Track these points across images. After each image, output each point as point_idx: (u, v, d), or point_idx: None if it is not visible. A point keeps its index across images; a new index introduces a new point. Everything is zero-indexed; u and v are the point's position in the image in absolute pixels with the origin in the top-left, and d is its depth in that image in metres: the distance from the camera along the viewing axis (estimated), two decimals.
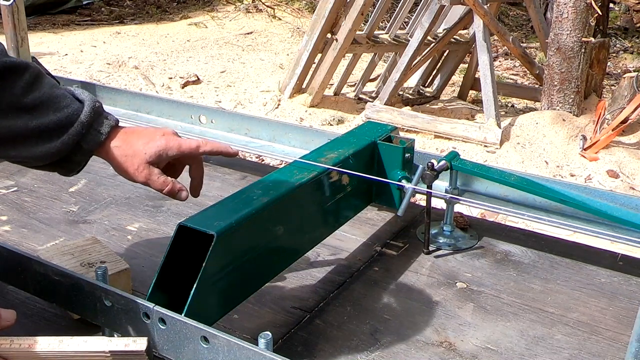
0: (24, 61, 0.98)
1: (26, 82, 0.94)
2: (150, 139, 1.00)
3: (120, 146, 0.99)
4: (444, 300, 1.15)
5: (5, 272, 1.02)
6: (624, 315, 1.12)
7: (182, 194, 1.01)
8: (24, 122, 0.93)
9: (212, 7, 8.47)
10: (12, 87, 0.93)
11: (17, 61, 0.96)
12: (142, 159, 0.98)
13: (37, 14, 7.75)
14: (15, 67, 0.94)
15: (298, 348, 1.02)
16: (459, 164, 1.31)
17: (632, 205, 1.21)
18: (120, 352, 0.86)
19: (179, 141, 1.01)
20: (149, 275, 0.99)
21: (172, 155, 1.01)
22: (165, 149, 1.00)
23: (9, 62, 0.93)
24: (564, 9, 4.29)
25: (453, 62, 5.49)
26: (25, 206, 1.49)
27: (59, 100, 0.97)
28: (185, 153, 1.02)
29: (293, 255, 1.16)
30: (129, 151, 0.99)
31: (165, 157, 1.00)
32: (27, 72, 0.95)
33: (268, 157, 2.94)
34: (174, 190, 1.01)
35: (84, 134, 0.97)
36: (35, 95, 0.94)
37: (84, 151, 0.98)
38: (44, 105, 0.95)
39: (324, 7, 4.81)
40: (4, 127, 0.92)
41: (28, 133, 0.93)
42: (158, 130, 1.03)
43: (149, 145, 0.99)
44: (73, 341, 0.87)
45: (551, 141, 4.14)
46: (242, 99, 5.23)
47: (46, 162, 0.97)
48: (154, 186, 1.00)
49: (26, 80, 0.94)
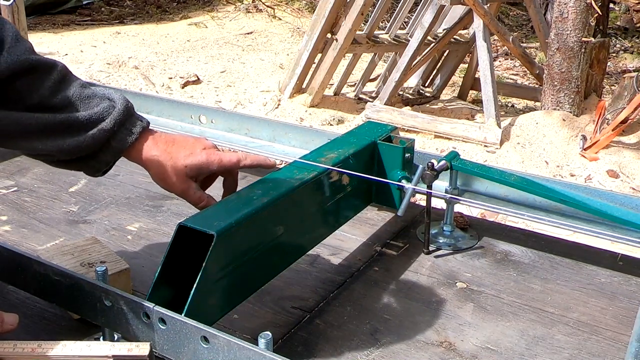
0: (52, 60, 0.97)
1: (54, 81, 0.93)
2: (192, 152, 0.99)
3: (159, 155, 0.98)
4: (444, 300, 1.15)
5: (5, 272, 1.02)
6: (624, 315, 1.12)
7: None
8: (52, 116, 0.92)
9: (212, 7, 8.47)
10: (39, 87, 0.92)
11: (44, 60, 0.95)
12: (182, 172, 0.99)
13: (37, 14, 7.75)
14: (42, 65, 0.93)
15: (298, 348, 1.02)
16: (459, 164, 1.31)
17: (632, 205, 1.21)
18: (123, 356, 0.86)
19: (220, 156, 1.02)
20: (149, 275, 0.99)
21: (213, 170, 1.02)
22: (207, 164, 1.00)
23: (34, 60, 0.92)
24: (564, 9, 4.29)
25: (453, 62, 5.50)
26: (25, 206, 1.49)
27: (89, 99, 0.96)
28: (227, 169, 1.03)
29: (293, 255, 1.16)
30: (170, 162, 0.98)
31: (205, 171, 1.01)
32: (54, 70, 0.94)
33: (268, 157, 2.94)
34: (209, 206, 1.02)
35: (116, 132, 0.96)
36: (64, 94, 0.94)
37: (113, 150, 0.97)
38: (74, 105, 0.94)
39: (324, 7, 4.81)
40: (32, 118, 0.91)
41: (56, 126, 0.92)
42: (198, 142, 1.02)
43: (190, 158, 0.99)
44: (76, 345, 0.87)
45: (551, 141, 4.15)
46: (242, 99, 5.23)
47: (73, 156, 0.96)
48: (189, 200, 1.01)
49: (54, 79, 0.93)
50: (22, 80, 0.92)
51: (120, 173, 1.65)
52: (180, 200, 1.51)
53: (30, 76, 0.92)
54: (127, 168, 1.67)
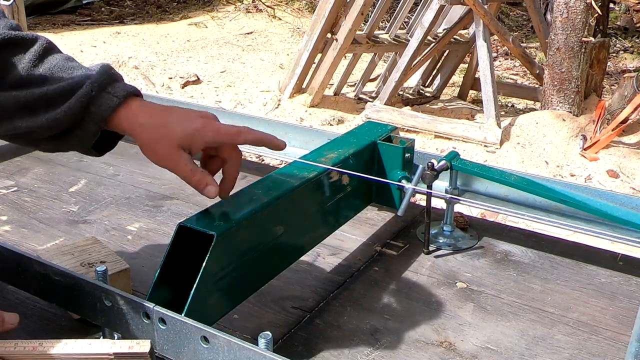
0: (35, 34, 0.92)
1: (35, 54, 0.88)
2: (186, 119, 0.88)
3: (150, 123, 0.88)
4: (444, 300, 1.15)
5: (5, 272, 1.02)
6: (624, 315, 1.12)
7: (210, 189, 0.90)
8: (31, 92, 0.87)
9: (212, 7, 8.47)
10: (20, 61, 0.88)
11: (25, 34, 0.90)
12: (173, 140, 0.87)
13: (37, 14, 7.75)
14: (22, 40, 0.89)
15: (298, 348, 1.02)
16: (459, 164, 1.31)
17: (632, 205, 1.21)
18: (124, 354, 0.86)
19: (217, 125, 0.90)
20: (149, 275, 0.99)
21: (208, 140, 0.89)
22: (202, 132, 0.88)
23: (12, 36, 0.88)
24: (564, 9, 4.29)
25: (453, 62, 5.50)
26: (25, 206, 1.49)
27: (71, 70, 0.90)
28: (224, 140, 0.90)
29: (293, 255, 1.16)
30: (161, 129, 0.87)
31: (199, 141, 0.88)
32: (36, 43, 0.90)
33: (268, 157, 2.94)
34: (203, 183, 0.89)
35: (94, 96, 0.87)
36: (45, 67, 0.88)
37: (95, 117, 0.88)
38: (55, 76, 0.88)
39: (324, 7, 4.81)
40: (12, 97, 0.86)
41: (35, 101, 0.86)
42: (196, 111, 0.91)
43: (183, 124, 0.87)
44: (77, 344, 0.87)
45: (551, 141, 4.15)
46: (242, 99, 5.23)
47: (56, 130, 0.89)
48: (180, 173, 0.88)
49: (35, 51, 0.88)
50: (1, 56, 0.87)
51: (120, 173, 1.65)
52: (181, 201, 1.52)
53: (10, 50, 0.87)
54: (127, 168, 1.68)
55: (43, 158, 1.73)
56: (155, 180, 1.62)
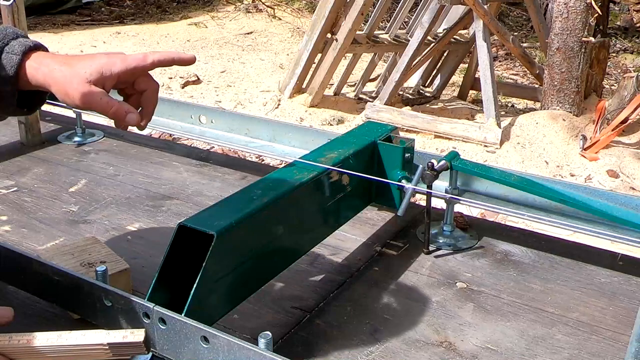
0: None
1: None
2: (92, 58, 0.91)
3: (57, 68, 0.90)
4: (444, 300, 1.15)
5: (5, 272, 1.02)
6: (624, 315, 1.12)
7: (131, 116, 0.91)
8: None
9: (212, 7, 8.47)
10: None
11: None
12: (82, 78, 0.88)
13: (37, 14, 7.75)
14: None
15: (298, 348, 1.02)
16: (459, 163, 1.31)
17: (632, 205, 1.21)
18: (118, 344, 0.86)
19: (123, 56, 0.92)
20: (149, 275, 0.99)
21: (117, 71, 0.90)
22: (108, 65, 0.90)
23: None
24: (564, 9, 4.29)
25: (453, 62, 5.50)
26: (25, 206, 1.49)
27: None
28: (132, 67, 0.91)
29: (293, 255, 1.16)
30: (68, 72, 0.89)
31: (109, 74, 0.90)
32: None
33: (268, 157, 2.94)
34: (121, 112, 0.90)
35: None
36: None
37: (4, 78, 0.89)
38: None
39: (324, 7, 4.81)
40: None
41: None
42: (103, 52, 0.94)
43: (90, 63, 0.90)
44: (71, 335, 0.87)
45: (551, 141, 4.14)
46: (242, 99, 5.23)
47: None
48: (97, 108, 0.89)
49: None
50: None
51: (120, 173, 1.65)
52: (180, 200, 1.52)
53: None
54: (127, 168, 1.68)
55: (43, 158, 1.73)
56: (155, 180, 1.62)
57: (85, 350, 0.87)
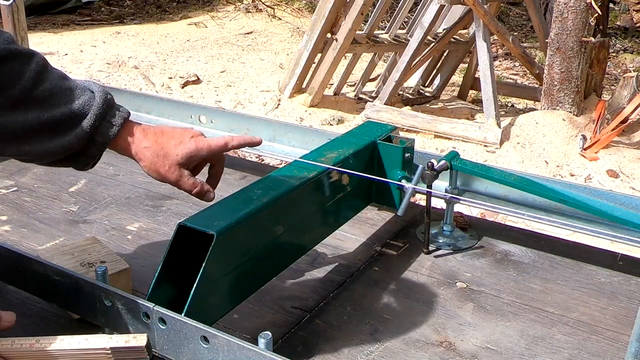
0: (30, 50, 0.97)
1: (34, 72, 0.93)
2: (181, 141, 1.02)
3: (150, 147, 1.00)
4: (444, 300, 1.15)
5: (5, 272, 1.02)
6: (624, 315, 1.12)
7: (209, 195, 1.05)
8: (36, 115, 0.92)
9: (212, 7, 8.47)
10: (20, 77, 0.91)
11: (22, 49, 0.95)
12: (174, 161, 1.01)
13: (37, 13, 7.74)
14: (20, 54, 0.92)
15: (298, 348, 1.02)
16: (459, 163, 1.31)
17: (632, 205, 1.21)
18: (120, 348, 0.86)
19: (208, 142, 1.04)
20: (149, 275, 0.99)
21: (203, 156, 1.03)
22: (197, 151, 1.02)
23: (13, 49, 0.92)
24: (563, 9, 4.29)
25: (453, 62, 5.49)
26: (25, 206, 1.48)
27: (70, 91, 0.96)
28: (215, 152, 1.05)
29: (293, 255, 1.16)
30: (161, 152, 1.00)
31: (196, 159, 1.03)
32: (33, 60, 0.94)
33: (268, 157, 2.94)
34: (203, 191, 1.03)
35: (97, 126, 0.97)
36: (45, 86, 0.93)
37: (98, 144, 0.98)
38: (55, 97, 0.94)
39: (324, 7, 4.81)
40: (17, 121, 0.91)
41: (41, 127, 0.92)
42: (186, 131, 1.05)
43: (180, 147, 1.01)
44: (74, 339, 0.88)
45: (551, 141, 4.14)
46: (242, 99, 5.22)
47: (60, 156, 0.97)
48: (183, 187, 1.02)
49: (34, 69, 0.93)
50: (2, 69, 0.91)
51: (120, 173, 1.65)
52: (180, 200, 1.52)
53: (10, 65, 0.91)
54: (127, 168, 1.68)
55: None
56: (155, 180, 1.62)
57: (87, 354, 0.87)
